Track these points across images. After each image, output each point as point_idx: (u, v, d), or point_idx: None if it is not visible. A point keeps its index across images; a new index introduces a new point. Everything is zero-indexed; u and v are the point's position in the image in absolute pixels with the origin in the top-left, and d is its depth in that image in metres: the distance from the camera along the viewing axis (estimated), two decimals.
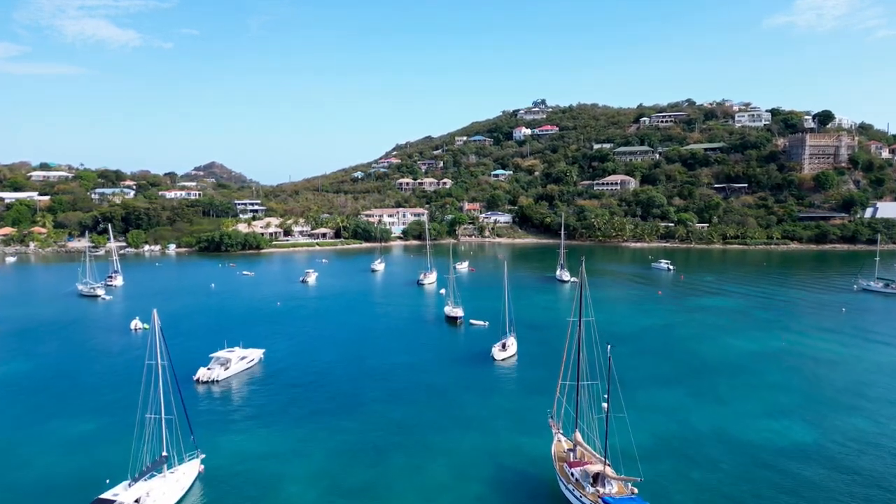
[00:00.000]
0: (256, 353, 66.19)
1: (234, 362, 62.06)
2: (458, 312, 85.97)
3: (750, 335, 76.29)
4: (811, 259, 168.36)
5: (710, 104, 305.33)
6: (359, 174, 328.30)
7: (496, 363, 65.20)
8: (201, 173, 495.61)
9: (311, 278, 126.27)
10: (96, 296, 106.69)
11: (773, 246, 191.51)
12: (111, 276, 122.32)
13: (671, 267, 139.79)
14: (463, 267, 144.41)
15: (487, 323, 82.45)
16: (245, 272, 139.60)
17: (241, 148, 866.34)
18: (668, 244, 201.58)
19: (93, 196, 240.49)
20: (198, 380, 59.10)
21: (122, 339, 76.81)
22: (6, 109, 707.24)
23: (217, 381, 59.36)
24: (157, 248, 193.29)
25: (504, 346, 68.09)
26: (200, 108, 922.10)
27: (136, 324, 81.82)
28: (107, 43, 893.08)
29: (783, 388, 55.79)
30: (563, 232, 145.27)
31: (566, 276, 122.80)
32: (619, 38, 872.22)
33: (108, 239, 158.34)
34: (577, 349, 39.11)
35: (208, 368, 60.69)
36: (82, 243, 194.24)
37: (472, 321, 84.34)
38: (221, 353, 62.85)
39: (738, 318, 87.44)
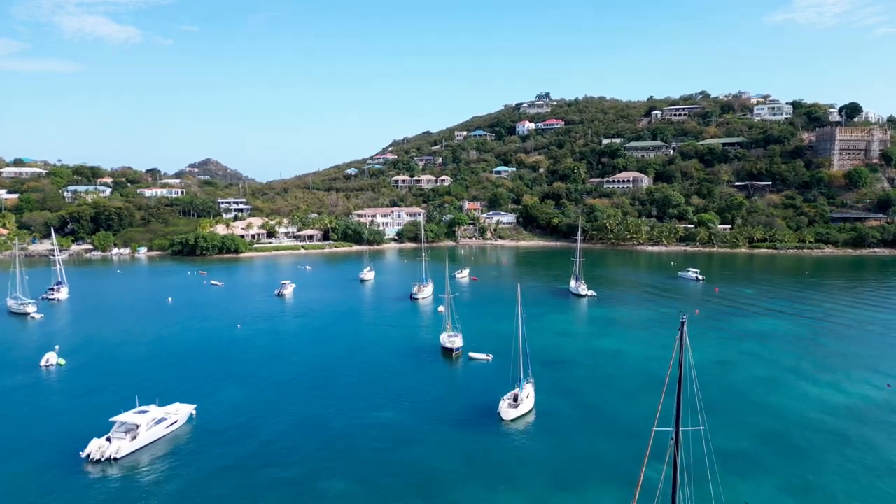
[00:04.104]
0: (183, 412, 48.90)
1: (146, 428, 44.83)
2: (456, 343, 68.87)
3: (835, 378, 59.00)
4: (852, 265, 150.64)
5: (727, 97, 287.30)
6: (352, 171, 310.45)
7: (505, 425, 48.19)
8: (195, 170, 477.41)
9: (288, 291, 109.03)
10: (26, 314, 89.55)
11: (805, 250, 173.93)
12: (53, 289, 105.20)
13: (700, 277, 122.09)
14: (463, 276, 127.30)
15: (491, 356, 65.89)
16: (214, 282, 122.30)
17: (238, 145, 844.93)
18: (688, 248, 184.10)
19: (65, 194, 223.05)
20: (88, 457, 41.95)
21: (19, 384, 59.31)
22: (6, 108, 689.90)
23: (116, 458, 42.21)
24: (127, 251, 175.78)
25: (516, 398, 51.00)
26: (199, 105, 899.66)
27: (48, 358, 64.38)
28: (107, 40, 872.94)
29: None
30: (579, 237, 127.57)
31: (583, 288, 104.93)
32: (618, 25, 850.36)
33: (53, 241, 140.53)
34: (672, 482, 21.82)
35: (107, 439, 43.56)
36: (45, 246, 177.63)
37: (472, 354, 67.35)
38: (128, 416, 45.57)
39: (807, 349, 70.10)
